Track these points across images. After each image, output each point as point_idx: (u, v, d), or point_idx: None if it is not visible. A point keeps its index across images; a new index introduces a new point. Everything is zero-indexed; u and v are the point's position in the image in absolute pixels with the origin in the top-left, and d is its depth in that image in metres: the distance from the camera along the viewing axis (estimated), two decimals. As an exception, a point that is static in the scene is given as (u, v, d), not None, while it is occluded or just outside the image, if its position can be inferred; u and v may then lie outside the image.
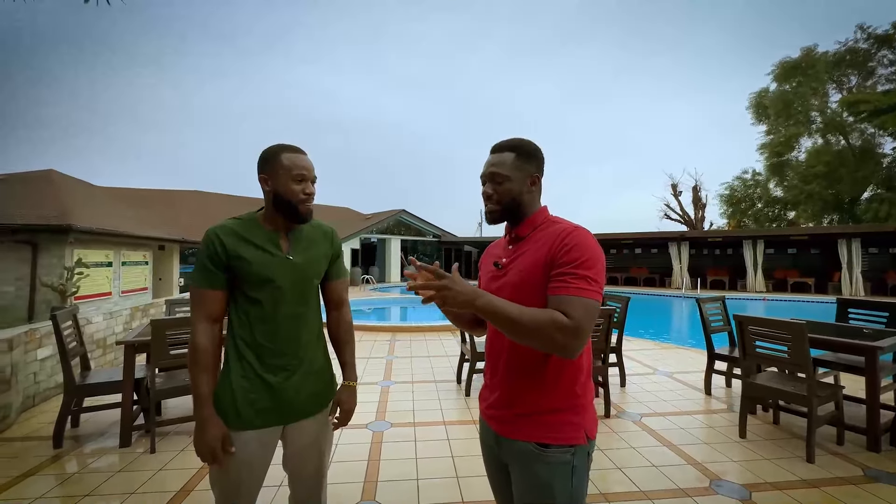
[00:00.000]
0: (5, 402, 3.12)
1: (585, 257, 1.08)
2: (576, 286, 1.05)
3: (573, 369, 1.14)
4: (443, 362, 5.21)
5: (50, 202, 9.68)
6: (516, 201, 1.22)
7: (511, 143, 1.24)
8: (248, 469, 1.30)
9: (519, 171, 1.22)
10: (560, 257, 1.09)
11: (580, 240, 1.10)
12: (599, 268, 1.09)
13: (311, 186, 1.38)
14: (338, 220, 22.58)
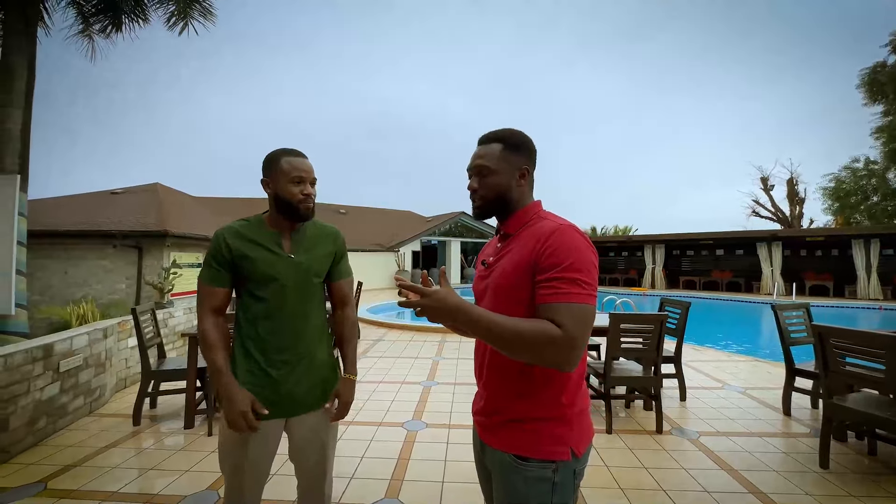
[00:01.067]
0: (101, 382, 3.63)
1: (572, 259, 0.98)
2: (565, 291, 0.95)
3: (560, 376, 1.05)
4: (488, 365, 5.14)
5: (153, 211, 11.15)
6: (503, 196, 1.15)
7: (498, 134, 1.17)
8: (251, 459, 1.37)
9: (506, 163, 1.15)
10: (544, 261, 1.00)
11: (564, 240, 1.01)
12: (590, 268, 1.00)
13: (310, 188, 1.43)
14: (399, 223, 23.30)
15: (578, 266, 0.98)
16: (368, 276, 17.60)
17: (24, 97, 6.95)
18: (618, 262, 22.48)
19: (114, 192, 13.51)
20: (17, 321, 4.98)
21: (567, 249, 0.99)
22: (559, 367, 0.94)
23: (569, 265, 0.97)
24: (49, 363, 2.98)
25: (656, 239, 19.34)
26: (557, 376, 1.04)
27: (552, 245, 1.00)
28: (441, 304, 0.95)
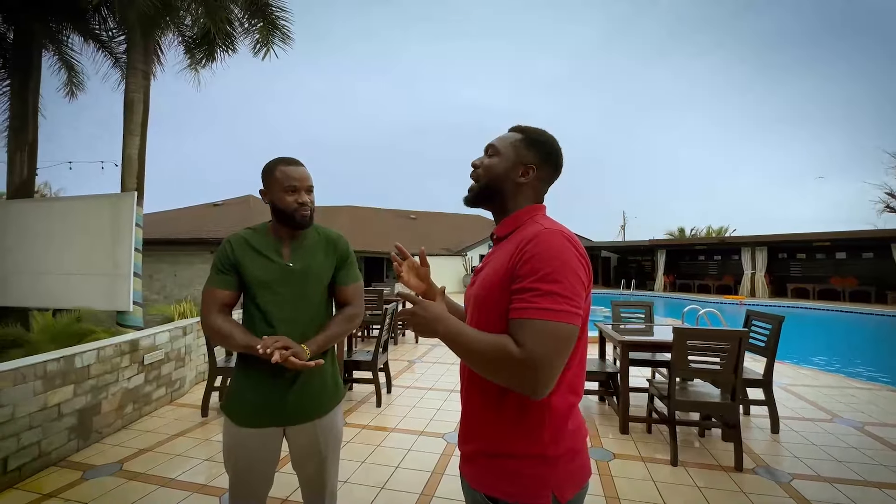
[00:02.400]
0: (181, 375, 4.05)
1: (549, 268, 0.84)
2: (535, 306, 0.82)
3: (538, 405, 0.89)
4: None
5: (245, 220, 12.44)
6: (496, 182, 1.03)
7: (523, 126, 1.08)
8: (251, 465, 1.38)
9: (514, 151, 1.03)
10: (520, 268, 0.87)
11: (543, 246, 0.86)
12: (572, 280, 0.84)
13: (305, 195, 1.41)
14: (468, 227, 23.38)
15: (557, 276, 0.83)
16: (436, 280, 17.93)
17: (140, 127, 8.13)
18: (708, 267, 20.23)
19: (215, 205, 15.35)
20: (133, 316, 5.83)
21: (546, 256, 0.85)
22: (523, 392, 0.82)
23: (545, 275, 0.84)
24: (135, 356, 3.39)
25: (756, 240, 17.03)
26: (535, 406, 0.89)
27: (531, 251, 0.87)
28: (423, 315, 0.92)
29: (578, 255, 0.88)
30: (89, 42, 9.92)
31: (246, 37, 9.18)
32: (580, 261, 0.87)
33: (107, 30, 9.48)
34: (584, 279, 0.87)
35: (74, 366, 2.79)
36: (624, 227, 36.17)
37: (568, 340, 0.82)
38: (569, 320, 0.82)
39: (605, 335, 3.91)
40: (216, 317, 1.38)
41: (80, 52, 10.46)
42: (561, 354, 0.81)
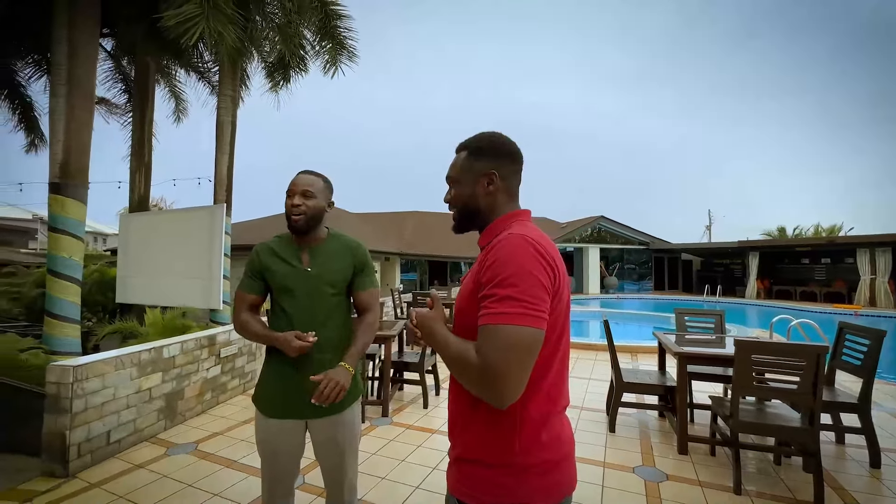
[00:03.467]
0: (253, 368, 4.50)
1: (506, 272, 0.84)
2: (493, 311, 0.82)
3: (511, 415, 0.88)
4: (601, 388, 4.59)
5: (317, 227, 13.41)
6: (468, 207, 1.06)
7: (466, 141, 1.09)
8: (277, 454, 1.52)
9: (468, 171, 1.05)
10: (483, 276, 0.88)
11: (502, 252, 0.87)
12: (528, 283, 0.83)
13: (298, 198, 1.52)
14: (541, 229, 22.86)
15: (514, 280, 0.83)
16: (499, 284, 17.78)
17: (228, 146, 9.13)
18: (814, 272, 17.68)
19: (294, 213, 16.77)
20: (222, 314, 6.61)
21: (503, 261, 0.85)
22: (488, 401, 0.83)
23: (501, 279, 0.84)
24: (213, 350, 3.84)
25: (877, 240, 14.51)
26: (507, 413, 0.88)
27: (491, 257, 0.88)
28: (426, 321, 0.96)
29: (539, 256, 0.86)
30: (191, 73, 11.39)
31: (317, 58, 9.93)
32: (541, 262, 0.86)
33: (203, 62, 10.81)
34: (545, 281, 0.85)
35: (163, 356, 3.25)
36: (710, 227, 32.93)
37: (527, 345, 0.80)
38: (526, 323, 0.80)
39: (663, 345, 3.62)
40: (242, 314, 1.55)
41: (183, 83, 12.06)
42: (521, 360, 0.80)
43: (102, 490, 2.42)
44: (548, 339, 0.90)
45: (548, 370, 0.93)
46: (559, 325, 0.94)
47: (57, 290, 5.67)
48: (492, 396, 0.81)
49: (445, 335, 0.93)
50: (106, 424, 2.77)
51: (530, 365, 0.82)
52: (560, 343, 0.96)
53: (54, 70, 5.76)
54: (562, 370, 0.98)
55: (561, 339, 0.96)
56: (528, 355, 0.81)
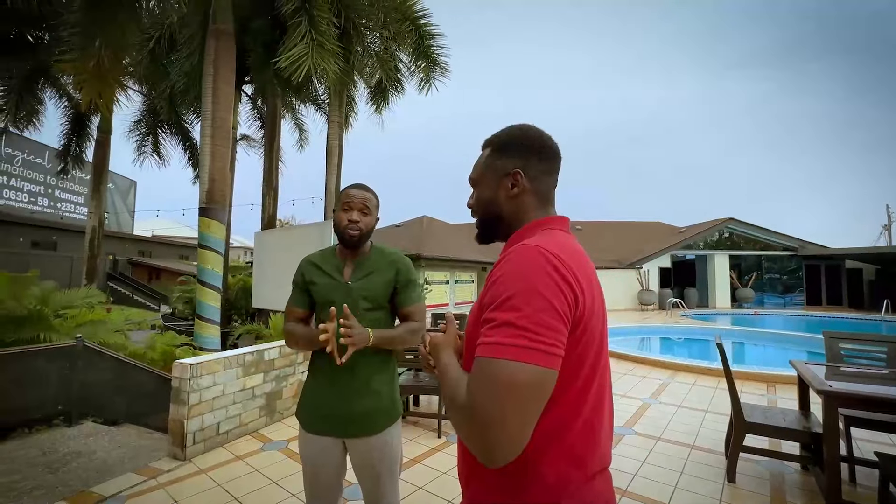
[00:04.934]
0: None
1: (510, 292, 0.68)
2: (486, 341, 0.68)
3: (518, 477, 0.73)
4: (720, 423, 3.82)
5: (416, 238, 14.02)
6: (490, 212, 0.91)
7: (490, 137, 0.94)
8: (316, 468, 1.51)
9: (490, 170, 0.91)
10: (486, 296, 0.75)
11: (508, 267, 0.72)
12: (536, 306, 0.66)
13: (356, 214, 1.50)
14: (644, 236, 20.73)
15: (517, 302, 0.67)
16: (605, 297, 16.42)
17: (336, 168, 10.07)
18: None
19: (397, 226, 17.81)
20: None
21: (510, 279, 0.70)
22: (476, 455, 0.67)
23: (503, 301, 0.69)
24: (307, 354, 4.16)
25: None
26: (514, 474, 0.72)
27: (497, 273, 0.74)
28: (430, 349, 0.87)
29: (554, 272, 0.68)
30: (308, 105, 12.92)
31: (412, 78, 10.47)
32: (555, 281, 0.68)
33: (318, 95, 12.19)
34: (559, 305, 0.67)
35: (264, 358, 3.62)
36: (889, 227, 26.08)
37: (527, 387, 0.63)
38: (527, 359, 0.63)
39: (803, 379, 2.86)
40: (289, 324, 1.59)
41: (305, 115, 13.74)
42: (519, 406, 0.63)
43: (207, 476, 2.75)
44: (570, 379, 0.71)
45: (571, 421, 0.73)
46: (588, 361, 0.74)
47: (203, 296, 6.81)
48: (477, 448, 0.65)
49: (447, 364, 0.80)
50: (216, 417, 3.17)
51: (533, 412, 0.65)
52: (591, 384, 0.75)
53: (203, 116, 7.01)
54: (596, 421, 0.76)
55: (592, 378, 0.76)
56: (530, 400, 0.64)
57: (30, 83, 10.58)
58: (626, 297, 16.95)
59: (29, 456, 3.15)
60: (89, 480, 2.75)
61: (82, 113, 12.04)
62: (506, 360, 0.64)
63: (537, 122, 0.91)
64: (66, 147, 12.58)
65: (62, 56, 6.31)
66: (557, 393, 0.69)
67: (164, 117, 12.27)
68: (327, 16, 7.17)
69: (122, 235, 23.43)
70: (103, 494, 2.49)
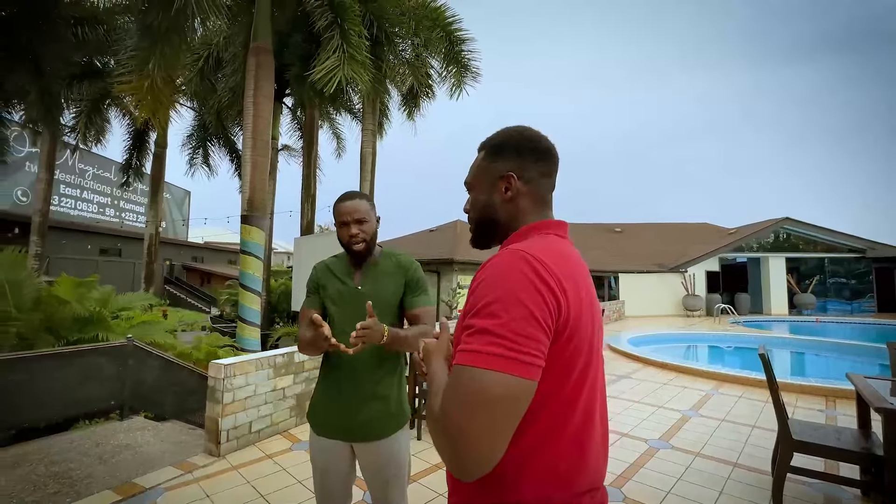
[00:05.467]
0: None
1: (490, 298, 0.66)
2: (464, 349, 0.65)
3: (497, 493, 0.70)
4: (767, 440, 3.53)
5: (449, 243, 14.05)
6: (485, 217, 0.89)
7: (485, 140, 0.93)
8: (325, 471, 1.54)
9: (485, 173, 0.88)
10: (467, 303, 0.73)
11: (489, 272, 0.70)
12: (515, 313, 0.64)
13: (354, 227, 1.51)
14: (690, 238, 19.67)
15: (495, 309, 0.64)
16: (644, 301, 15.71)
17: (370, 174, 10.30)
18: None
19: (431, 230, 17.94)
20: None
21: (489, 284, 0.68)
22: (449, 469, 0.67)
23: (481, 307, 0.66)
24: (337, 357, 4.26)
25: None
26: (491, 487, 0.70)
27: (478, 279, 0.72)
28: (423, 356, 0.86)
29: (535, 278, 0.66)
30: (343, 113, 13.32)
31: (443, 83, 10.56)
32: (535, 287, 0.65)
33: (353, 105, 12.54)
34: (539, 313, 0.64)
35: (294, 360, 3.74)
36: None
37: (500, 399, 0.60)
38: (503, 367, 0.61)
39: (861, 395, 2.59)
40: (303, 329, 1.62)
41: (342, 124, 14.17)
42: (490, 419, 0.60)
43: (237, 473, 2.87)
44: (553, 390, 0.68)
45: (555, 435, 0.70)
46: (575, 372, 0.70)
47: (245, 299, 7.15)
48: (449, 461, 0.63)
49: (435, 372, 0.79)
50: (248, 416, 3.30)
51: (506, 426, 0.62)
52: (578, 396, 0.71)
53: (244, 129, 7.39)
54: (584, 436, 0.73)
55: (579, 390, 0.72)
56: (503, 413, 0.61)
57: (97, 104, 11.61)
58: (670, 302, 16.13)
59: (85, 447, 3.43)
60: (134, 472, 2.94)
61: (141, 129, 13.08)
62: (480, 368, 0.61)
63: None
64: (129, 161, 13.68)
65: (121, 78, 6.88)
66: (538, 405, 0.67)
67: (213, 131, 13.09)
68: (358, 28, 7.38)
69: (177, 242, 25.13)
70: (144, 486, 2.66)
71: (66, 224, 18.34)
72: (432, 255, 12.85)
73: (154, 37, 5.93)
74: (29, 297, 4.97)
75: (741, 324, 13.05)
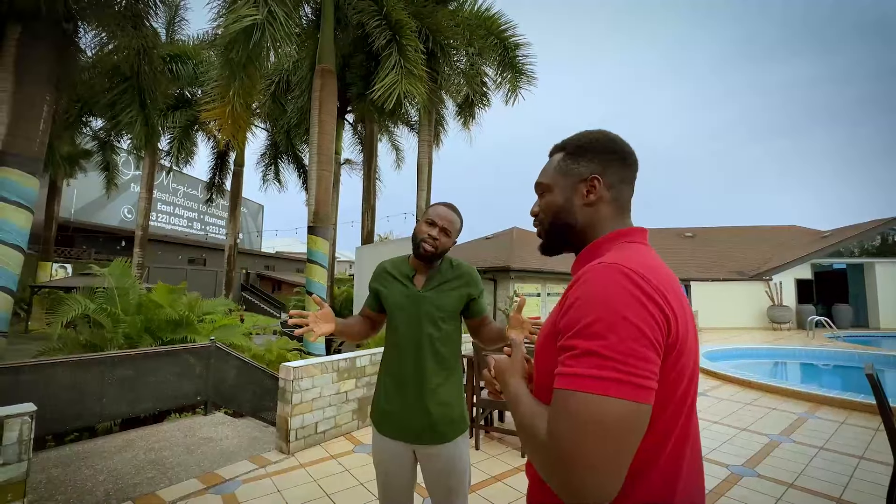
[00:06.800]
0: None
1: (590, 317, 0.62)
2: (567, 372, 0.62)
3: None
4: (882, 475, 3.06)
5: (505, 250, 13.91)
6: (561, 221, 0.84)
7: (563, 141, 0.89)
8: (387, 473, 1.57)
9: (564, 175, 0.84)
10: (561, 319, 0.68)
11: (586, 288, 0.66)
12: (624, 334, 0.60)
13: (437, 232, 1.55)
14: (773, 242, 17.75)
15: (601, 329, 0.60)
16: (720, 312, 14.38)
17: (426, 184, 10.51)
18: None
19: (487, 238, 17.88)
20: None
21: (589, 302, 0.64)
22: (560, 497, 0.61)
23: (584, 327, 0.62)
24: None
25: None
26: None
27: (573, 295, 0.68)
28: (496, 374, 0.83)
29: (641, 295, 0.62)
30: (400, 126, 13.77)
31: (498, 90, 10.56)
32: (643, 304, 0.62)
33: (410, 117, 12.93)
34: (650, 331, 0.61)
35: (356, 365, 3.89)
36: None
37: (618, 424, 0.58)
38: (618, 393, 0.58)
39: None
40: None
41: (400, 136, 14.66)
42: (608, 444, 0.57)
43: (305, 471, 3.02)
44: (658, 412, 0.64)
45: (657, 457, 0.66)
46: (678, 392, 0.67)
47: (310, 306, 7.59)
48: (565, 491, 0.60)
49: (518, 393, 0.76)
50: (314, 417, 3.48)
51: (626, 453, 0.59)
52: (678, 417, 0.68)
53: (310, 145, 7.90)
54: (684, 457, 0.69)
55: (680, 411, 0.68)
56: (622, 440, 0.58)
57: (187, 130, 13.06)
58: (751, 313, 14.60)
59: (175, 437, 3.80)
60: (215, 463, 3.21)
61: (223, 151, 14.48)
62: (593, 393, 0.58)
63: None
64: (212, 179, 15.19)
65: (206, 106, 7.68)
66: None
67: (283, 149, 14.15)
68: (414, 43, 7.62)
69: (252, 252, 27.36)
70: (224, 477, 2.89)
71: (161, 237, 20.75)
72: (489, 262, 12.79)
73: (234, 68, 6.56)
74: (133, 303, 5.66)
75: (840, 339, 11.48)
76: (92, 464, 3.18)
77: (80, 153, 14.23)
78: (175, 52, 11.23)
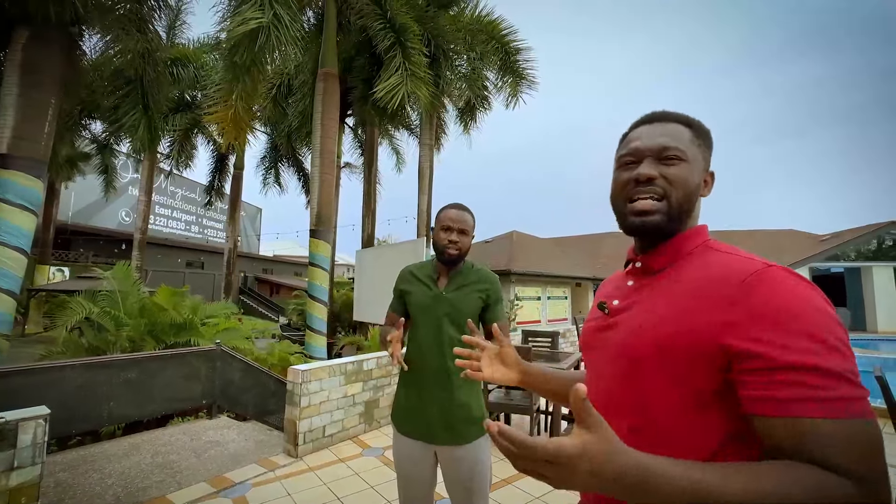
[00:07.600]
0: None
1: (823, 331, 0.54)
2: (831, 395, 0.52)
3: None
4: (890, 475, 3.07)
5: (505, 253, 13.93)
6: (691, 201, 0.72)
7: (681, 116, 0.76)
8: (408, 473, 1.58)
9: (698, 158, 0.73)
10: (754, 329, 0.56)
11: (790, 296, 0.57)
12: (850, 349, 0.56)
13: (455, 235, 1.57)
14: (770, 246, 17.86)
15: (839, 346, 0.54)
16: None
17: (427, 188, 10.53)
18: None
19: (487, 241, 17.92)
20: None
21: (807, 312, 0.56)
22: None
23: (821, 342, 0.53)
24: (402, 366, 4.37)
25: None
26: None
27: (769, 301, 0.57)
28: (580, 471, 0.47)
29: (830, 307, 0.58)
30: (401, 129, 13.80)
31: (498, 94, 10.62)
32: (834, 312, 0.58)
33: (411, 121, 12.96)
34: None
35: (363, 368, 3.89)
36: None
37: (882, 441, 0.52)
38: (872, 413, 0.53)
39: None
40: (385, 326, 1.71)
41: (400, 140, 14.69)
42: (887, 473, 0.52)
43: (314, 474, 3.01)
44: None
45: None
46: None
47: (313, 309, 7.57)
48: None
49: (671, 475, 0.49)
50: (322, 420, 3.47)
51: None
52: None
53: (312, 148, 7.92)
54: None
55: None
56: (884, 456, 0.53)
57: (188, 133, 13.06)
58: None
59: (181, 441, 3.78)
60: (223, 467, 3.20)
61: (223, 154, 14.46)
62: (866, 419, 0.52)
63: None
64: (212, 182, 15.16)
65: (209, 109, 7.69)
66: None
67: (284, 152, 14.15)
68: (418, 46, 7.67)
69: (250, 255, 27.26)
70: (233, 480, 2.88)
71: (159, 240, 20.66)
72: (489, 265, 12.80)
73: (238, 71, 6.58)
74: (135, 306, 5.64)
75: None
76: (99, 467, 3.17)
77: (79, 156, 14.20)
78: (176, 56, 11.25)
